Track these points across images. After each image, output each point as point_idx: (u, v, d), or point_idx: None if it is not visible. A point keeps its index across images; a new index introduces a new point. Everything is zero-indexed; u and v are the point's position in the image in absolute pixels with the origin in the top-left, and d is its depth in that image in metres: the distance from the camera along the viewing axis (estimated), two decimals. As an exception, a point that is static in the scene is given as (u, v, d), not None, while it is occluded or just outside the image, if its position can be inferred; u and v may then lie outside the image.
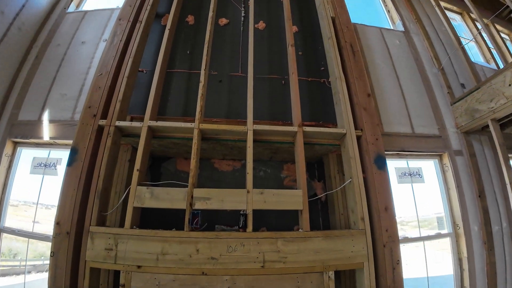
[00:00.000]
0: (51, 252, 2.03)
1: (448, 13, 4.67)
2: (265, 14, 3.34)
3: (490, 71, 4.11)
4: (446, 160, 3.29)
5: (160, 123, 2.23)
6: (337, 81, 2.53)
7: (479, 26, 4.78)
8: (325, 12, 2.92)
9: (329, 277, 2.03)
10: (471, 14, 4.97)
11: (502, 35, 5.28)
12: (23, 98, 3.16)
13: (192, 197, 2.07)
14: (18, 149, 3.10)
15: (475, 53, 4.66)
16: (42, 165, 3.01)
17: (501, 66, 3.96)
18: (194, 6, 3.35)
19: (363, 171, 2.30)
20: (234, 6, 3.32)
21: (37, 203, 2.97)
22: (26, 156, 3.11)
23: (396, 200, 2.35)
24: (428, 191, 3.26)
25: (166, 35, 2.68)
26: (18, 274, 3.01)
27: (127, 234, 2.00)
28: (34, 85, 3.22)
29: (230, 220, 2.52)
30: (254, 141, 2.24)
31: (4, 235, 2.90)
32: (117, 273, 2.01)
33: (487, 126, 3.21)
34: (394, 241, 2.19)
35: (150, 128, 2.26)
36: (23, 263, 3.19)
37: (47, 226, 2.95)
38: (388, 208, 2.25)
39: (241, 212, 2.05)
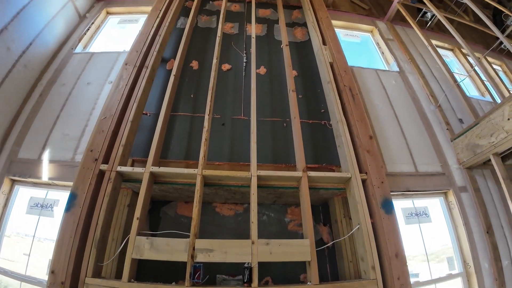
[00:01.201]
0: None
1: (440, 50, 4.89)
2: (266, 59, 3.49)
3: (486, 104, 4.21)
4: (452, 197, 3.24)
5: (162, 169, 2.20)
6: (339, 124, 2.55)
7: (471, 61, 5.00)
8: (323, 58, 3.05)
9: (341, 337, 1.88)
10: (462, 50, 5.21)
11: (494, 66, 5.50)
12: (24, 136, 3.14)
13: (193, 248, 1.97)
14: (16, 187, 3.03)
15: (469, 87, 4.80)
16: (39, 205, 2.93)
17: (496, 98, 4.05)
18: (198, 52, 3.51)
19: (371, 216, 2.24)
20: (237, 53, 3.48)
21: (32, 244, 2.83)
22: (23, 195, 3.03)
23: (405, 242, 2.26)
24: (436, 230, 3.17)
25: (171, 80, 2.75)
26: None
27: (124, 289, 1.87)
28: (37, 123, 3.22)
29: (233, 269, 2.38)
30: (258, 186, 2.20)
31: None
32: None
33: (489, 160, 3.19)
34: (406, 289, 2.08)
35: (152, 174, 2.22)
36: None
37: (41, 270, 2.80)
38: (399, 255, 2.15)
39: (246, 265, 1.94)
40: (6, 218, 2.92)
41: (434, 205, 3.25)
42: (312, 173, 2.26)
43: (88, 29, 4.25)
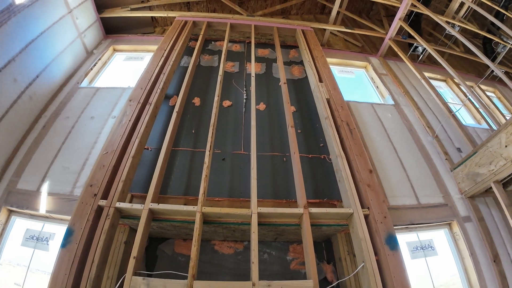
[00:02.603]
0: None
1: (433, 82, 5.08)
2: (265, 96, 3.63)
3: (483, 131, 4.26)
4: (456, 228, 3.17)
5: (161, 206, 2.17)
6: (338, 159, 2.57)
7: (465, 90, 5.16)
8: (320, 95, 3.16)
9: None
10: (455, 80, 5.40)
11: (488, 93, 5.67)
12: (25, 167, 3.13)
13: (192, 291, 1.88)
14: (12, 217, 2.96)
15: (465, 115, 4.90)
16: (35, 238, 2.84)
17: (493, 125, 4.12)
18: (200, 89, 3.66)
19: (375, 253, 2.17)
20: (237, 90, 3.63)
21: (25, 277, 2.71)
22: (19, 226, 2.95)
23: (412, 277, 2.18)
24: (442, 263, 3.05)
25: (173, 116, 2.82)
26: None
27: (118, 337, 1.76)
28: (38, 155, 3.22)
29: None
30: (259, 224, 2.16)
31: None
32: None
33: (491, 188, 3.14)
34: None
35: (151, 211, 2.19)
36: None
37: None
38: (406, 294, 2.06)
39: (246, 310, 1.85)
40: (0, 249, 2.83)
41: (439, 237, 3.16)
42: (314, 210, 2.23)
43: (95, 65, 4.43)
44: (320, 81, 3.39)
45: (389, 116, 3.98)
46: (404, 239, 2.95)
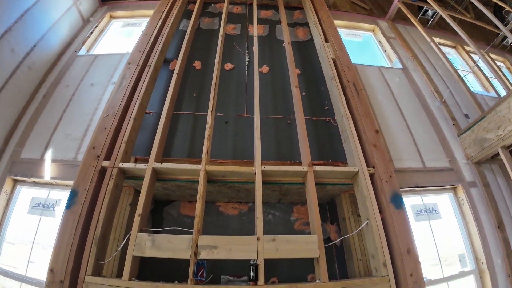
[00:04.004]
0: None
1: (443, 48, 4.86)
2: (268, 59, 3.50)
3: (491, 99, 4.16)
4: (461, 193, 3.16)
5: (165, 165, 2.16)
6: (344, 119, 2.51)
7: (475, 57, 4.97)
8: (326, 55, 3.03)
9: (352, 337, 1.79)
10: (465, 47, 5.19)
11: (498, 63, 5.46)
12: (27, 136, 3.14)
13: (197, 245, 1.90)
14: (18, 187, 3.00)
15: (474, 83, 4.75)
16: (41, 205, 2.89)
17: (501, 93, 4.01)
18: (201, 53, 3.52)
19: (380, 211, 2.16)
20: (239, 53, 3.49)
21: (32, 245, 2.79)
22: (25, 195, 3.00)
23: (416, 239, 2.18)
24: (446, 227, 3.07)
25: (174, 77, 2.74)
26: None
27: (125, 287, 1.80)
28: (40, 124, 3.22)
29: (237, 269, 2.30)
30: (263, 182, 2.14)
31: None
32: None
33: (497, 154, 3.14)
34: (420, 286, 1.99)
35: (154, 171, 2.17)
36: None
37: (42, 270, 2.74)
38: (411, 250, 2.07)
39: (251, 262, 1.87)
40: (7, 218, 2.89)
41: (443, 201, 3.16)
42: (318, 168, 2.20)
43: (92, 32, 4.29)
44: (326, 41, 3.25)
45: (397, 80, 3.85)
46: (408, 202, 2.95)
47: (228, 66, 3.34)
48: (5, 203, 2.91)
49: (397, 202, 2.22)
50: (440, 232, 3.01)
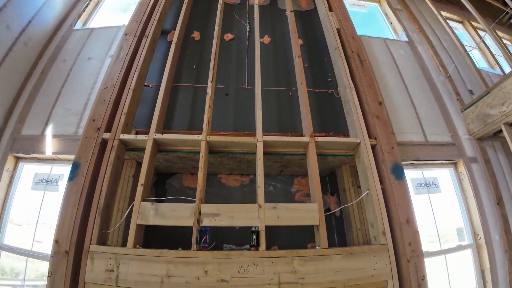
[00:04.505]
0: (48, 273, 1.88)
1: (449, 22, 4.71)
2: (270, 29, 3.39)
3: (496, 76, 4.09)
4: (462, 168, 3.17)
5: (166, 136, 2.15)
6: (347, 90, 2.46)
7: (481, 34, 4.82)
8: (330, 24, 2.92)
9: (350, 299, 1.85)
10: (472, 23, 5.02)
11: (504, 41, 5.31)
12: (27, 113, 3.12)
13: (199, 213, 1.94)
14: (20, 164, 3.02)
15: (479, 61, 4.65)
16: (44, 181, 2.92)
17: (506, 70, 3.93)
18: (199, 23, 3.40)
19: (381, 182, 2.18)
20: (239, 22, 3.37)
21: (37, 220, 2.84)
22: (28, 171, 3.02)
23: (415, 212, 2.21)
24: (445, 201, 3.11)
25: (172, 48, 2.66)
26: None
27: (130, 254, 1.85)
28: (39, 100, 3.19)
29: (239, 239, 2.36)
30: (264, 153, 2.14)
31: (4, 253, 2.75)
32: (119, 298, 1.85)
33: (500, 131, 3.14)
34: (418, 255, 2.04)
35: (155, 141, 2.17)
36: (25, 282, 3.04)
37: (47, 245, 2.82)
38: (410, 220, 2.10)
39: (253, 229, 1.91)
40: (11, 195, 2.92)
41: (443, 175, 3.18)
42: (320, 139, 2.19)
43: (87, 6, 4.14)
44: (330, 10, 3.12)
45: (402, 53, 3.75)
46: (409, 175, 2.96)
47: (228, 36, 3.24)
48: (8, 180, 2.93)
49: (398, 173, 2.23)
50: (439, 206, 3.05)
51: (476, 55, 4.55)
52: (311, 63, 3.07)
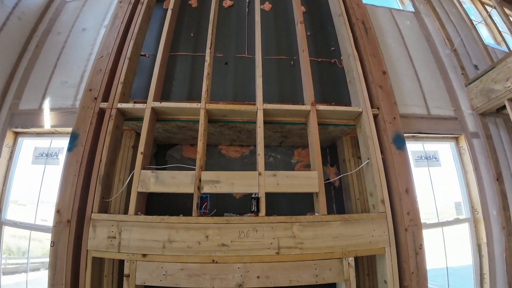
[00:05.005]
0: (51, 242, 1.91)
1: (458, -5, 4.52)
2: (271, -6, 3.22)
3: (502, 53, 3.99)
4: (463, 142, 3.16)
5: (164, 104, 2.11)
6: (350, 58, 2.39)
7: (489, 9, 4.66)
8: (334, -11, 2.79)
9: (349, 263, 1.89)
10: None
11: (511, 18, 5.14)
12: (24, 88, 3.08)
13: (200, 180, 1.94)
14: (19, 139, 3.02)
15: (485, 37, 4.52)
16: (44, 155, 2.92)
17: (512, 47, 3.85)
18: (197, -12, 3.23)
19: (381, 152, 2.17)
20: (238, -12, 3.21)
21: (39, 194, 2.87)
22: (27, 146, 3.02)
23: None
24: (445, 175, 3.12)
25: (168, 15, 2.56)
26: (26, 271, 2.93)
27: (131, 221, 1.88)
28: (35, 74, 3.14)
29: (240, 208, 2.38)
30: (264, 122, 2.11)
31: (9, 231, 2.81)
32: (122, 263, 1.89)
33: (503, 108, 3.11)
34: (416, 224, 2.07)
35: (153, 110, 2.14)
36: (31, 260, 3.12)
37: (50, 217, 2.86)
38: (409, 190, 2.11)
39: (253, 196, 1.92)
40: (12, 171, 2.93)
41: (444, 150, 3.17)
42: (321, 107, 2.15)
43: (79, -25, 3.95)
44: (334, -25, 2.98)
45: (408, 24, 3.62)
46: (409, 147, 2.94)
47: (227, 3, 3.10)
48: (8, 155, 2.93)
49: (399, 143, 2.21)
50: (438, 179, 3.06)
51: (483, 32, 4.43)
52: (314, 32, 2.96)
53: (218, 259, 1.79)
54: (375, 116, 2.25)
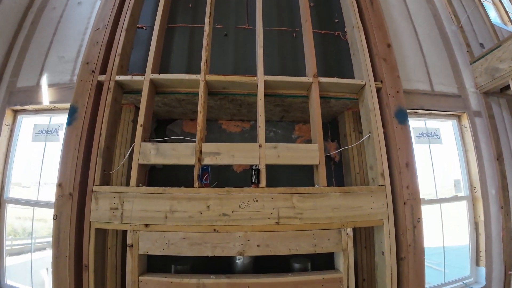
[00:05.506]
0: (54, 215, 1.93)
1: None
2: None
3: (508, 33, 3.90)
4: (465, 120, 3.14)
5: (163, 76, 2.08)
6: (355, 29, 2.32)
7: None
8: (339, -43, 2.68)
9: (347, 234, 1.93)
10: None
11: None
12: (21, 65, 3.03)
13: (200, 152, 1.94)
14: (19, 117, 3.00)
15: (492, 17, 4.40)
16: (44, 131, 2.92)
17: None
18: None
19: (383, 126, 2.15)
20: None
21: (41, 171, 2.88)
22: (27, 124, 3.01)
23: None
24: (445, 153, 3.12)
25: (166, -17, 2.47)
26: (33, 251, 3.00)
27: (133, 192, 1.89)
28: (31, 51, 3.08)
29: (240, 182, 2.40)
30: (265, 95, 2.08)
31: (14, 213, 2.86)
32: (125, 235, 1.93)
33: (506, 88, 3.07)
34: (415, 198, 2.08)
35: (152, 82, 2.10)
36: (38, 240, 3.18)
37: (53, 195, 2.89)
38: (409, 164, 2.11)
39: (253, 167, 1.93)
40: (13, 149, 2.94)
41: (446, 127, 3.15)
42: (324, 79, 2.11)
43: None
44: None
45: (414, -3, 3.51)
46: (411, 124, 2.89)
47: (227, -29, 2.98)
48: (8, 134, 2.93)
49: (401, 117, 2.19)
50: (438, 156, 3.06)
51: (490, 13, 4.29)
52: (317, 3, 2.84)
53: (219, 228, 1.82)
54: (378, 90, 2.21)
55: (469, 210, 3.02)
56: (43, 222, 3.01)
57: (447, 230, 3.00)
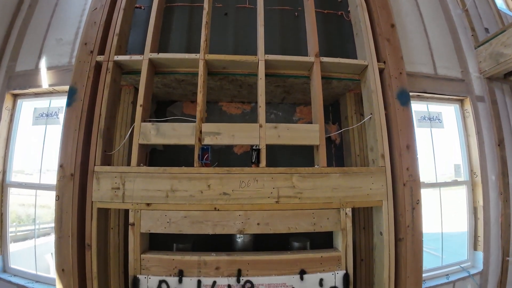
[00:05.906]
0: (56, 196, 1.95)
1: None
2: None
3: (513, 19, 3.79)
4: (468, 105, 3.11)
5: (162, 55, 2.05)
6: (358, 8, 2.27)
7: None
8: None
9: (346, 214, 1.94)
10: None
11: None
12: (19, 50, 3.01)
13: (201, 132, 1.93)
14: (18, 101, 3.00)
15: (498, 2, 4.28)
16: (44, 115, 2.92)
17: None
18: None
19: (385, 108, 2.13)
20: None
21: (42, 155, 2.90)
22: (27, 108, 3.01)
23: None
24: (446, 137, 3.11)
25: (164, -40, 2.40)
26: (37, 237, 3.05)
27: (134, 172, 1.90)
28: (29, 35, 3.04)
29: (240, 164, 2.38)
30: (266, 75, 2.05)
31: (18, 200, 2.88)
32: (127, 216, 1.95)
33: (510, 74, 3.05)
34: (414, 180, 2.09)
35: (151, 62, 2.07)
36: (42, 226, 3.22)
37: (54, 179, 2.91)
38: (410, 146, 2.11)
39: (254, 147, 1.92)
40: (14, 133, 2.95)
41: (448, 112, 3.13)
42: (326, 59, 2.08)
43: None
44: None
45: (420, -22, 3.41)
46: (413, 107, 2.88)
47: None
48: (8, 118, 2.94)
49: (404, 98, 2.17)
50: (440, 141, 3.05)
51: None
52: (320, -19, 2.78)
53: (220, 207, 1.84)
54: (381, 71, 2.18)
55: (469, 195, 3.03)
56: (47, 208, 3.04)
57: (445, 217, 3.02)
